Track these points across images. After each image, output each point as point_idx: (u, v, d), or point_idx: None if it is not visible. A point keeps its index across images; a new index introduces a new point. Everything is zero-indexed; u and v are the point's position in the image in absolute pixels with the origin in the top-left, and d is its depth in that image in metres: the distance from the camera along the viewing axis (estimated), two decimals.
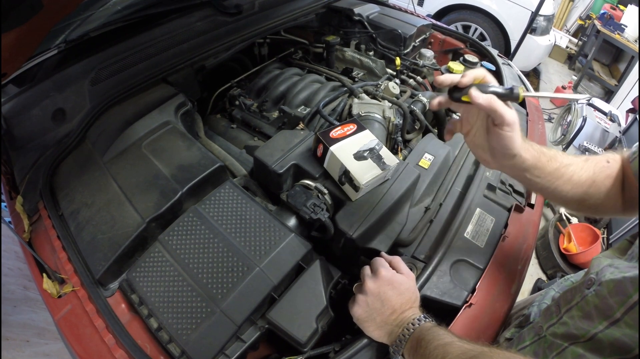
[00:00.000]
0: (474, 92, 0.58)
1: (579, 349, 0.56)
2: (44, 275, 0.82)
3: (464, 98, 0.61)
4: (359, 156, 0.86)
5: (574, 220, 2.55)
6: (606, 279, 0.55)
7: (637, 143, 0.62)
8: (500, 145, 0.62)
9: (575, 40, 5.52)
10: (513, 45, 3.62)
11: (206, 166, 0.90)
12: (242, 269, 0.74)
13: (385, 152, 0.90)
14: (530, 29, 3.52)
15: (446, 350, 0.54)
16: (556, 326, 0.63)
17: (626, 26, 4.14)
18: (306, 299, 0.73)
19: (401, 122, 1.21)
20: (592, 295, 0.57)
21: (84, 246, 0.82)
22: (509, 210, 0.98)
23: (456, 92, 0.61)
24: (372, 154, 0.88)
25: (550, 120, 3.77)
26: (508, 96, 0.59)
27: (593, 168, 0.65)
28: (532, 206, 1.03)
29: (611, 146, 2.86)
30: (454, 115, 1.37)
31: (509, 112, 0.59)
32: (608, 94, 4.36)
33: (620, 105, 3.84)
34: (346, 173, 0.84)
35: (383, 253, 0.78)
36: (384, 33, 1.60)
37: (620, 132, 2.92)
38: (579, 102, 2.76)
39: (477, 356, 0.52)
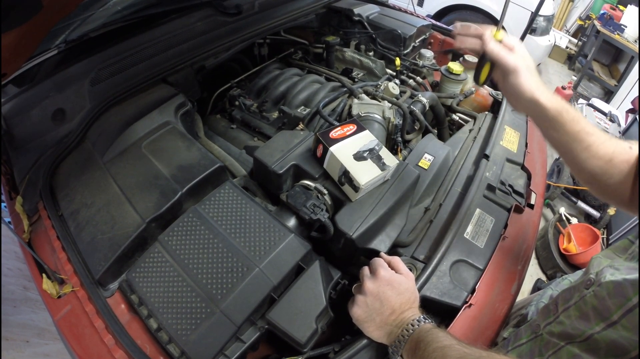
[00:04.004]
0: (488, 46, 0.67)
1: (574, 349, 0.56)
2: (44, 275, 0.82)
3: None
4: (358, 156, 0.86)
5: (574, 220, 2.56)
6: (606, 280, 0.55)
7: None
8: (509, 90, 0.67)
9: (575, 41, 5.52)
10: None
11: (206, 166, 0.90)
12: (242, 269, 0.74)
13: (385, 153, 0.90)
14: (530, 29, 3.52)
15: (445, 353, 0.54)
16: (553, 325, 0.63)
17: (626, 26, 4.14)
18: (306, 300, 0.73)
19: (401, 122, 1.21)
20: (590, 296, 0.57)
21: (83, 247, 0.82)
22: (508, 211, 0.98)
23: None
24: (372, 154, 0.88)
25: None
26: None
27: (614, 147, 0.64)
28: (531, 206, 1.04)
29: None
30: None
31: (511, 59, 0.65)
32: (608, 94, 4.36)
33: (620, 105, 3.84)
34: (346, 173, 0.84)
35: (382, 254, 0.78)
36: (384, 33, 1.60)
37: (620, 132, 2.92)
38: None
39: None
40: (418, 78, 1.51)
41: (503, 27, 0.72)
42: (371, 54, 1.60)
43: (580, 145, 0.64)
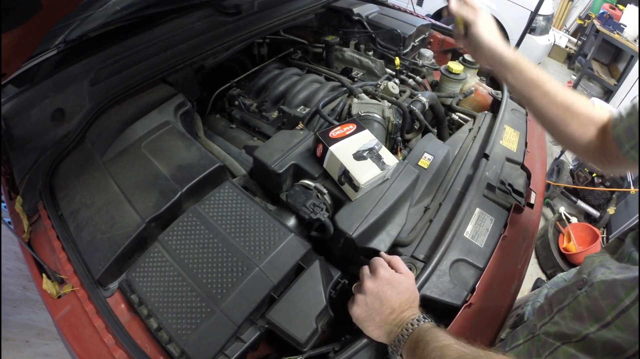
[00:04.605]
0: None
1: (571, 349, 0.56)
2: (44, 275, 0.82)
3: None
4: (358, 156, 0.86)
5: (574, 220, 2.56)
6: (597, 280, 0.55)
7: (621, 107, 0.64)
8: (472, 41, 0.79)
9: (575, 40, 5.53)
10: (512, 45, 3.63)
11: (205, 166, 0.90)
12: (242, 269, 0.74)
13: (384, 152, 0.90)
14: (530, 28, 3.52)
15: (443, 353, 0.54)
16: (548, 326, 0.63)
17: (625, 26, 4.14)
18: (306, 299, 0.73)
19: (400, 121, 1.21)
20: (583, 296, 0.57)
21: (83, 247, 0.82)
22: (508, 210, 0.98)
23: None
24: (372, 154, 0.88)
25: None
26: None
27: (573, 98, 0.69)
28: (531, 206, 1.04)
29: None
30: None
31: (470, 14, 0.78)
32: (607, 94, 4.36)
33: (619, 104, 3.85)
34: (345, 173, 0.84)
35: (382, 253, 0.78)
36: (383, 33, 1.60)
37: None
38: None
39: None
40: (418, 77, 1.51)
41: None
42: (371, 53, 1.60)
43: (539, 91, 0.70)
